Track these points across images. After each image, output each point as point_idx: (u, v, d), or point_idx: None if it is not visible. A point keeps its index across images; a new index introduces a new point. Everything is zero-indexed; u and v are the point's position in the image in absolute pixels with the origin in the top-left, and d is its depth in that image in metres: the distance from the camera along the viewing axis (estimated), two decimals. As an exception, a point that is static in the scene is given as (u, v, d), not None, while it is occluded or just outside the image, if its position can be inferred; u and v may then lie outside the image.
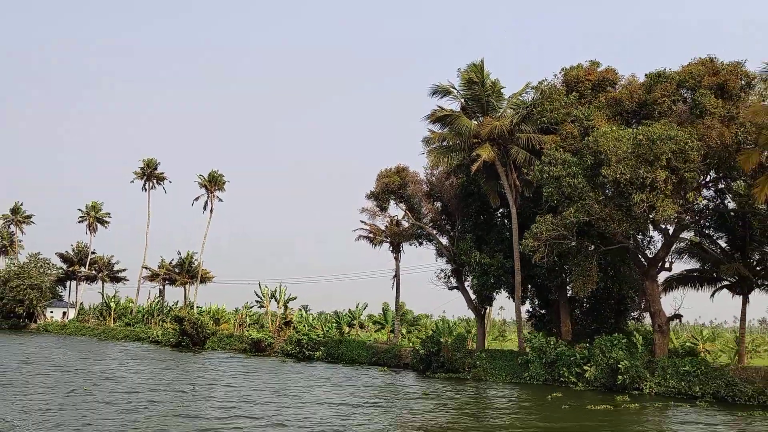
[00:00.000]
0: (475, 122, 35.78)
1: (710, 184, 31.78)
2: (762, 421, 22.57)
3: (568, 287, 36.93)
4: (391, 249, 49.83)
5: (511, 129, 34.40)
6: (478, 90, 35.28)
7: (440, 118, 35.86)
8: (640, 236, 33.65)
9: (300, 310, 79.94)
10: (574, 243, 30.28)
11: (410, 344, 50.66)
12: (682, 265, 35.49)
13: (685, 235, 34.69)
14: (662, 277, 34.81)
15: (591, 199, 28.11)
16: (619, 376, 30.02)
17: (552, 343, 34.03)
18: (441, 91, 36.18)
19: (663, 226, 31.82)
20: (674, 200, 27.03)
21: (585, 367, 31.86)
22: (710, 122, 27.80)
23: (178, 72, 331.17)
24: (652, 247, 34.45)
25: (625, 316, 39.92)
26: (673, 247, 34.15)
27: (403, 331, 65.90)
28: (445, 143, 36.61)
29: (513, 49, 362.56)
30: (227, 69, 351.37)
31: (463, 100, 36.54)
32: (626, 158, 26.79)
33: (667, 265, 34.25)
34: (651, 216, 26.99)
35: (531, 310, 43.50)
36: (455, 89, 36.31)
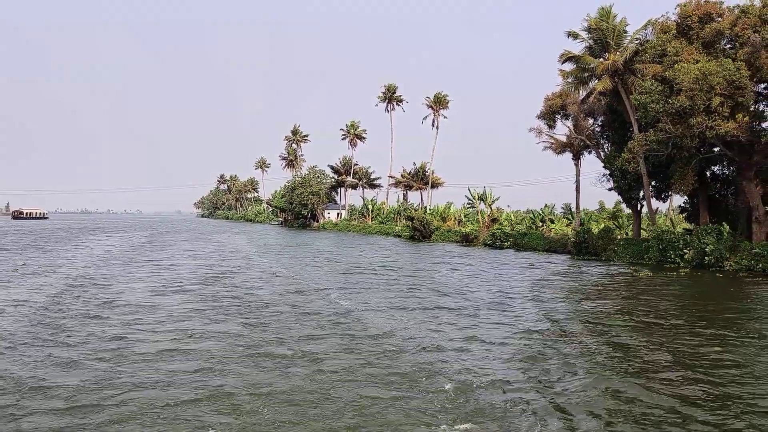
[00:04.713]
0: (600, 59, 44.26)
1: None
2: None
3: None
4: (572, 157, 59.79)
5: (628, 62, 42.36)
6: (599, 33, 43.56)
7: (568, 58, 45.01)
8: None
9: (506, 210, 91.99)
10: (665, 154, 38.64)
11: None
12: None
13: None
14: None
15: (666, 122, 36.29)
16: (706, 257, 38.38)
17: (666, 231, 42.75)
18: (572, 35, 45.10)
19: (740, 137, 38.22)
20: (732, 120, 34.23)
21: (685, 251, 40.43)
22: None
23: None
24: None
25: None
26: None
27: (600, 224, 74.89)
28: (575, 77, 45.67)
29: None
30: None
31: (591, 42, 44.93)
32: (690, 88, 34.51)
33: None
34: (711, 134, 34.49)
35: (681, 205, 51.16)
36: (585, 31, 44.86)
